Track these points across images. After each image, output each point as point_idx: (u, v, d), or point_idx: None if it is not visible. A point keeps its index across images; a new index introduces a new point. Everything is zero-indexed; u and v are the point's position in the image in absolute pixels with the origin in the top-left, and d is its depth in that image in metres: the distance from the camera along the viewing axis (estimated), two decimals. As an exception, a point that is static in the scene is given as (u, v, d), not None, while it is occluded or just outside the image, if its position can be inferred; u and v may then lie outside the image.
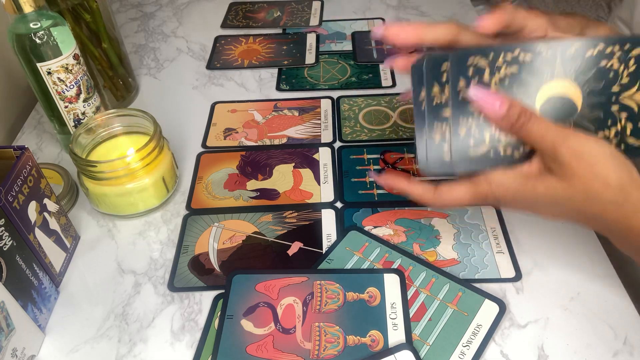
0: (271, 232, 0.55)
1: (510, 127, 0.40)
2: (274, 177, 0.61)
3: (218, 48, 0.83)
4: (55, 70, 0.56)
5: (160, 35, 0.87)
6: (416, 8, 0.90)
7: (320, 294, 0.48)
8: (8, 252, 0.43)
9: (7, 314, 0.41)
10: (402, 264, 0.50)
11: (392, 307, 0.47)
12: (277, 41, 0.83)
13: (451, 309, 0.47)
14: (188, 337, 0.47)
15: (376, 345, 0.44)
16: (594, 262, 0.50)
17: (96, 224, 0.57)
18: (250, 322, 0.46)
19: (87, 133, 0.57)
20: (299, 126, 0.67)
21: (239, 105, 0.71)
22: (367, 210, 0.56)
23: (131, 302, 0.50)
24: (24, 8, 0.53)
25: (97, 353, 0.46)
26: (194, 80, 0.77)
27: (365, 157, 0.62)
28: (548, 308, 0.47)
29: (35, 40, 0.54)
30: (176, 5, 0.95)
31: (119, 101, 0.72)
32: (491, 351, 0.44)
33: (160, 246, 0.54)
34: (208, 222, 0.56)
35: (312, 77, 0.76)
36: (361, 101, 0.71)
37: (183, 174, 0.62)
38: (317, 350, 0.44)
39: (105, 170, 0.53)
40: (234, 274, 0.50)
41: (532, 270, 0.50)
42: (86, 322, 0.48)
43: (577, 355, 0.44)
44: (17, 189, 0.45)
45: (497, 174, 0.41)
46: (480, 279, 0.49)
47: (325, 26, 0.86)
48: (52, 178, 0.61)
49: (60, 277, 0.52)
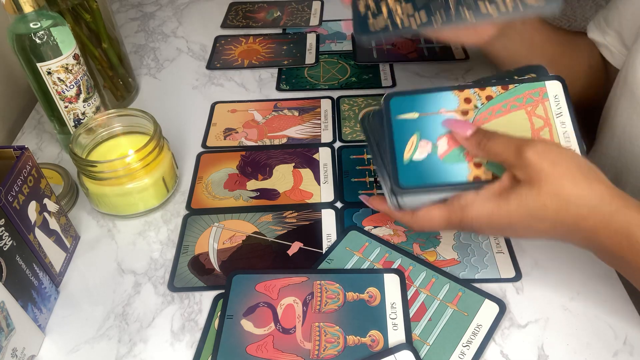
0: (271, 232, 0.55)
1: (476, 145, 0.42)
2: (274, 177, 0.61)
3: (218, 48, 0.83)
4: (55, 70, 0.56)
5: (160, 35, 0.87)
6: (416, 8, 0.89)
7: (320, 294, 0.48)
8: (8, 252, 0.43)
9: (7, 314, 0.41)
10: (402, 264, 0.50)
11: (392, 307, 0.47)
12: (277, 41, 0.83)
13: (451, 309, 0.47)
14: (188, 337, 0.47)
15: (376, 345, 0.44)
16: (594, 262, 0.50)
17: (96, 224, 0.57)
18: (250, 322, 0.46)
19: (87, 133, 0.57)
20: (299, 126, 0.67)
21: (239, 105, 0.71)
22: (367, 210, 0.56)
23: (131, 302, 0.50)
24: (24, 8, 0.53)
25: (97, 353, 0.46)
26: (194, 80, 0.77)
27: (365, 157, 0.62)
28: (548, 308, 0.47)
29: (35, 40, 0.54)
30: (176, 5, 0.95)
31: (119, 101, 0.72)
32: (491, 351, 0.44)
33: (160, 246, 0.54)
34: (208, 222, 0.56)
35: (312, 77, 0.76)
36: (361, 101, 0.71)
37: (183, 174, 0.62)
38: (317, 350, 0.44)
39: (105, 170, 0.53)
40: (234, 274, 0.50)
41: (532, 270, 0.50)
42: (86, 322, 0.48)
43: (577, 355, 0.44)
44: (17, 189, 0.45)
45: (470, 195, 0.42)
46: (480, 279, 0.49)
47: (325, 26, 0.86)
48: (52, 178, 0.61)
49: (60, 277, 0.52)
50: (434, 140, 0.44)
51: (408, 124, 0.45)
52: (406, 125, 0.45)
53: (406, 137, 0.45)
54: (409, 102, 0.46)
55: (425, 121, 0.45)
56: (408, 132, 0.45)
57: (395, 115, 0.46)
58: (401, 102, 0.46)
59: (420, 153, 0.44)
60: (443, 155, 0.44)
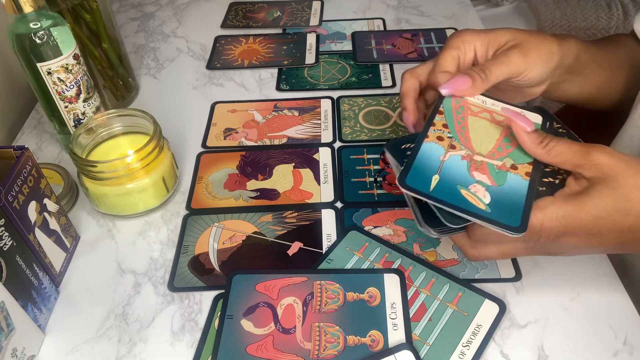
0: (271, 232, 0.55)
1: (538, 143, 0.41)
2: (274, 177, 0.61)
3: (218, 48, 0.83)
4: (55, 70, 0.56)
5: (160, 35, 0.87)
6: (416, 8, 0.90)
7: (320, 294, 0.48)
8: (8, 252, 0.43)
9: (7, 314, 0.41)
10: (402, 264, 0.50)
11: (392, 307, 0.47)
12: (277, 41, 0.83)
13: (451, 309, 0.47)
14: (188, 337, 0.47)
15: (376, 345, 0.44)
16: (594, 262, 0.50)
17: (96, 224, 0.57)
18: (250, 322, 0.46)
19: (87, 133, 0.57)
20: (299, 126, 0.67)
21: (239, 105, 0.71)
22: (367, 210, 0.56)
23: (131, 302, 0.50)
24: (24, 8, 0.53)
25: (97, 353, 0.46)
26: (194, 80, 0.77)
27: (365, 157, 0.62)
28: (548, 308, 0.47)
29: (35, 40, 0.54)
30: (176, 5, 0.95)
31: (119, 101, 0.72)
32: (491, 351, 0.44)
33: (160, 246, 0.54)
34: (208, 222, 0.56)
35: (312, 77, 0.76)
36: (361, 101, 0.71)
37: (183, 174, 0.62)
38: (317, 350, 0.44)
39: (105, 170, 0.53)
40: (234, 274, 0.50)
41: (532, 270, 0.50)
42: (86, 322, 0.48)
43: (577, 355, 0.44)
44: (17, 189, 0.45)
45: (542, 202, 0.40)
46: (480, 279, 0.49)
47: (325, 26, 0.86)
48: (52, 178, 0.61)
49: (60, 277, 0.52)
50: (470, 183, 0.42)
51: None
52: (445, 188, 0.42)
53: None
54: (420, 172, 0.42)
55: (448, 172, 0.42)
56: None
57: (425, 190, 0.41)
58: (413, 177, 0.42)
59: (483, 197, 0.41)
60: None
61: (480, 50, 0.50)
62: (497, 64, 0.47)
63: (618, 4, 1.32)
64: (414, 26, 0.85)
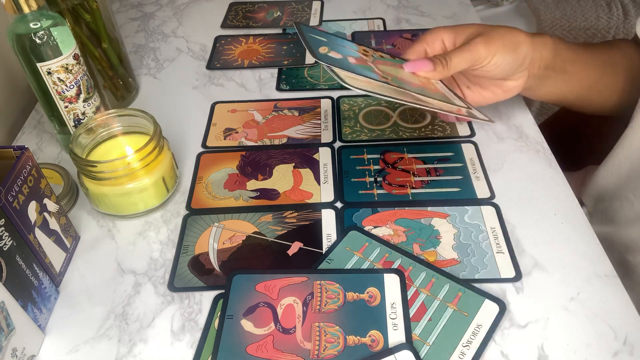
0: (271, 232, 0.55)
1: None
2: (274, 177, 0.61)
3: (218, 48, 0.83)
4: (55, 70, 0.56)
5: (160, 35, 0.87)
6: (416, 8, 0.90)
7: (320, 294, 0.48)
8: (8, 252, 0.43)
9: (7, 314, 0.41)
10: (402, 264, 0.50)
11: (392, 307, 0.47)
12: (277, 41, 0.83)
13: (451, 309, 0.47)
14: (188, 337, 0.47)
15: (376, 345, 0.44)
16: (594, 262, 0.50)
17: (96, 224, 0.57)
18: (250, 322, 0.46)
19: (87, 133, 0.57)
20: (299, 126, 0.67)
21: (239, 105, 0.71)
22: (367, 210, 0.56)
23: (131, 302, 0.50)
24: (24, 8, 0.53)
25: (97, 353, 0.46)
26: (194, 80, 0.77)
27: (365, 157, 0.62)
28: (548, 308, 0.47)
29: (35, 40, 0.54)
30: (176, 5, 0.95)
31: (119, 101, 0.72)
32: (491, 351, 0.44)
33: (160, 246, 0.54)
34: (208, 222, 0.56)
35: (312, 77, 0.76)
36: (361, 101, 0.71)
37: (183, 174, 0.62)
38: (317, 350, 0.44)
39: (105, 170, 0.53)
40: (234, 274, 0.50)
41: (532, 270, 0.50)
42: (86, 322, 0.48)
43: (577, 355, 0.44)
44: (17, 189, 0.45)
45: None
46: (480, 279, 0.49)
47: (325, 26, 0.86)
48: (52, 178, 0.61)
49: (60, 277, 0.52)
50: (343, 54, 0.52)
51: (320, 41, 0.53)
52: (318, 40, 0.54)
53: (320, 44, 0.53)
54: (320, 34, 0.55)
55: (334, 44, 0.54)
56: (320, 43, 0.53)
57: (307, 33, 0.54)
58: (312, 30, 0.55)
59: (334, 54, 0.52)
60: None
61: (448, 41, 0.56)
62: (458, 51, 0.53)
63: (618, 4, 1.32)
64: (414, 26, 0.85)
